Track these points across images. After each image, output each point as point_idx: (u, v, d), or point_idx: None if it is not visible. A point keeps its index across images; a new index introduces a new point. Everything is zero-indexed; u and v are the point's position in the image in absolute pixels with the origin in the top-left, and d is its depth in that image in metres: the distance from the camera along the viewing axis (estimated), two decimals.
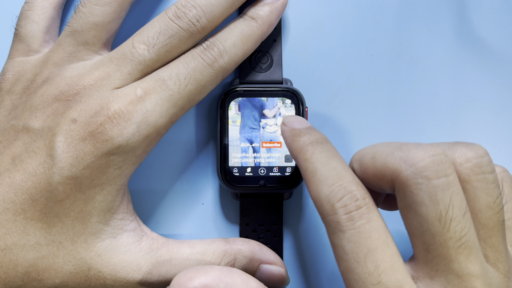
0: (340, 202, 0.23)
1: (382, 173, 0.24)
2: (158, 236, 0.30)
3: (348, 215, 0.23)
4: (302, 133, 0.26)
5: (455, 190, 0.23)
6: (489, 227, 0.24)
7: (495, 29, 0.34)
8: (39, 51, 0.30)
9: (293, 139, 0.26)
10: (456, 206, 0.22)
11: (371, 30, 0.33)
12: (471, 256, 0.22)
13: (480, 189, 0.24)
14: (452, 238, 0.22)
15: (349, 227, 0.23)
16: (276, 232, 0.32)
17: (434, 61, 0.34)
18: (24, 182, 0.27)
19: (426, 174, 0.22)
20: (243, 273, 0.25)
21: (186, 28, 0.28)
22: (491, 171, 0.24)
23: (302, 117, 0.27)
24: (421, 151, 0.23)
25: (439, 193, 0.22)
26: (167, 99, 0.27)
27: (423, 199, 0.22)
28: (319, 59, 0.33)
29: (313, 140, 0.25)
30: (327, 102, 0.33)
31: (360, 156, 0.25)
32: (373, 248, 0.22)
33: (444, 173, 0.22)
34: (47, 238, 0.27)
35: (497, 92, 0.34)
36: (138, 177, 0.33)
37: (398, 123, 0.33)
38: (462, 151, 0.24)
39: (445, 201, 0.22)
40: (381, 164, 0.24)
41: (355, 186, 0.23)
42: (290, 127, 0.27)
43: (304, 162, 0.25)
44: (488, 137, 0.34)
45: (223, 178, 0.31)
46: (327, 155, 0.25)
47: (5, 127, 0.28)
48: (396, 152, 0.23)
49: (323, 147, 0.25)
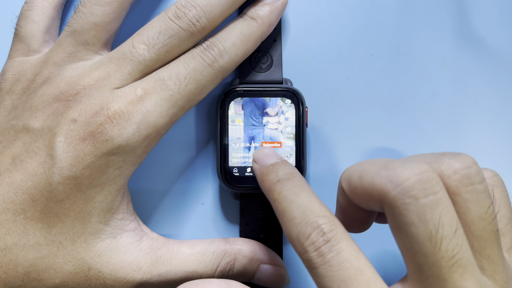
0: (308, 240, 0.23)
1: (370, 193, 0.23)
2: (158, 236, 0.30)
3: (318, 251, 0.23)
4: (269, 171, 0.26)
5: (444, 207, 0.22)
6: (483, 238, 0.23)
7: (495, 29, 0.34)
8: (39, 51, 0.30)
9: (262, 179, 0.26)
10: (446, 224, 0.22)
11: (371, 30, 0.33)
12: (466, 274, 0.22)
13: (471, 201, 0.23)
14: (444, 257, 0.22)
15: (320, 262, 0.23)
16: (276, 231, 0.32)
17: (434, 61, 0.34)
18: (24, 182, 0.27)
19: (413, 193, 0.22)
20: (241, 285, 0.25)
21: (186, 28, 0.28)
22: (480, 181, 0.23)
23: (272, 149, 0.28)
24: (406, 169, 0.22)
25: (427, 212, 0.22)
26: (167, 99, 0.27)
27: (412, 219, 0.22)
28: (319, 59, 0.33)
29: (280, 177, 0.26)
30: (327, 102, 0.33)
31: (348, 175, 0.25)
32: (346, 279, 0.22)
33: (431, 191, 0.22)
34: (47, 238, 0.27)
35: (497, 92, 0.34)
36: (138, 177, 0.33)
37: (398, 123, 0.33)
38: (449, 163, 0.23)
39: (435, 220, 0.22)
40: (368, 184, 0.23)
41: (322, 219, 0.23)
42: (260, 165, 0.27)
43: (274, 203, 0.25)
44: (488, 137, 0.34)
45: (223, 178, 0.31)
46: (293, 191, 0.25)
47: (5, 127, 0.28)
48: (382, 172, 0.23)
49: (289, 183, 0.25)
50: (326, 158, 0.33)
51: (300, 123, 0.31)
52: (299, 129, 0.31)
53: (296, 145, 0.31)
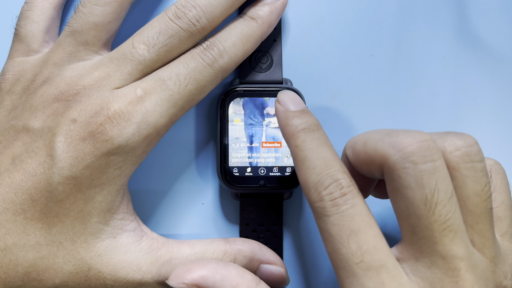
0: (326, 190, 0.24)
1: (372, 158, 0.24)
2: (158, 236, 0.30)
3: (333, 201, 0.24)
4: (296, 117, 0.26)
5: (441, 175, 0.23)
6: (476, 213, 0.24)
7: (495, 29, 0.34)
8: (39, 51, 0.30)
9: (285, 123, 0.26)
10: (441, 191, 0.23)
11: (371, 30, 0.33)
12: (456, 239, 0.23)
13: (469, 177, 0.24)
14: (437, 221, 0.23)
15: (334, 211, 0.24)
16: (276, 232, 0.32)
17: (434, 61, 0.34)
18: (24, 182, 0.27)
19: (413, 159, 0.23)
20: (239, 266, 0.27)
21: (186, 28, 0.28)
22: (480, 160, 0.24)
23: (298, 96, 0.27)
24: (409, 137, 0.23)
25: (425, 177, 0.23)
26: (167, 99, 0.27)
27: (409, 182, 0.23)
28: (319, 59, 0.33)
29: (305, 126, 0.26)
30: (327, 102, 0.33)
31: (353, 143, 0.26)
32: (356, 230, 0.23)
33: (430, 158, 0.23)
34: (47, 238, 0.27)
35: (497, 92, 0.34)
36: (138, 177, 0.33)
37: (398, 123, 0.33)
38: (452, 140, 0.25)
39: (431, 185, 0.23)
40: (371, 149, 0.24)
41: (342, 174, 0.24)
42: (284, 108, 0.27)
43: (295, 149, 0.25)
44: (488, 137, 0.34)
45: (223, 178, 0.31)
46: (318, 143, 0.25)
47: (5, 127, 0.28)
48: (385, 138, 0.24)
49: (314, 134, 0.26)
50: None
51: None
52: None
53: None
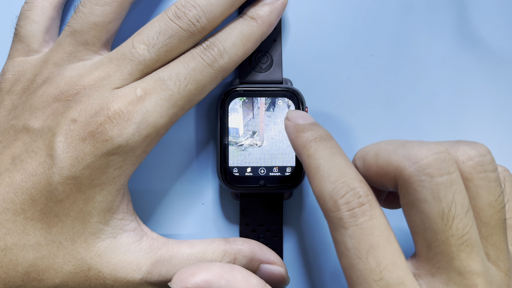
0: (343, 198, 0.23)
1: (385, 170, 0.24)
2: (158, 236, 0.30)
3: (351, 212, 0.23)
4: (306, 129, 0.26)
5: (458, 188, 0.23)
6: (490, 225, 0.24)
7: (495, 29, 0.34)
8: (39, 51, 0.30)
9: (296, 135, 0.26)
10: (458, 204, 0.22)
11: (371, 30, 0.33)
12: (473, 254, 0.22)
13: (482, 187, 0.24)
14: (454, 235, 0.22)
15: (352, 223, 0.23)
16: (276, 232, 0.32)
17: (434, 61, 0.34)
18: (24, 182, 0.27)
19: (429, 171, 0.22)
20: (244, 270, 0.26)
21: (186, 28, 0.28)
22: (493, 169, 0.24)
23: (306, 113, 0.27)
24: (424, 148, 0.23)
25: (441, 190, 0.22)
26: (167, 99, 0.27)
27: (425, 196, 0.22)
28: (319, 59, 0.33)
29: (317, 136, 0.25)
30: (327, 102, 0.33)
31: (363, 154, 0.25)
32: (375, 245, 0.22)
33: (447, 170, 0.22)
34: (47, 238, 0.27)
35: (497, 92, 0.34)
36: (138, 177, 0.33)
37: (398, 123, 0.33)
38: (465, 149, 0.24)
39: (448, 198, 0.22)
40: (384, 161, 0.24)
41: (358, 183, 0.23)
42: (294, 123, 0.26)
43: (307, 158, 0.25)
44: (488, 137, 0.34)
45: (223, 178, 0.31)
46: (331, 151, 0.25)
47: (5, 127, 0.28)
48: (399, 150, 0.23)
49: (327, 143, 0.25)
50: None
51: None
52: None
53: None
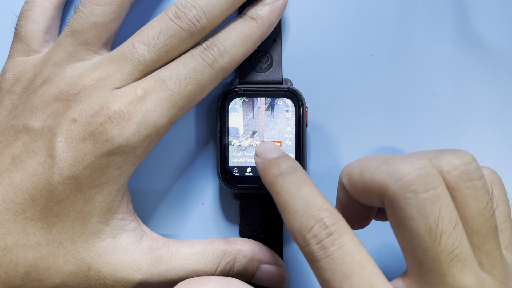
0: (311, 233, 0.23)
1: (370, 188, 0.24)
2: (158, 236, 0.30)
3: (320, 244, 0.23)
4: (272, 165, 0.26)
5: (444, 202, 0.22)
6: (482, 234, 0.23)
7: (495, 29, 0.34)
8: (39, 51, 0.30)
9: (264, 172, 0.27)
10: (446, 219, 0.22)
11: (371, 30, 0.33)
12: (465, 268, 0.22)
13: (470, 196, 0.23)
14: (444, 251, 0.22)
15: (322, 255, 0.23)
16: (276, 232, 0.32)
17: (434, 61, 0.34)
18: (24, 182, 0.27)
19: (413, 188, 0.22)
20: (241, 283, 0.25)
21: (186, 28, 0.28)
22: (479, 177, 0.24)
23: (274, 144, 0.28)
24: (407, 164, 0.23)
25: (427, 206, 0.22)
26: (167, 99, 0.27)
27: (412, 213, 0.22)
28: (319, 59, 0.33)
29: (283, 171, 0.26)
30: (327, 102, 0.33)
31: (349, 171, 0.25)
32: (349, 273, 0.22)
33: (432, 185, 0.22)
34: (47, 238, 0.27)
35: (497, 92, 0.34)
36: (138, 177, 0.33)
37: (398, 123, 0.33)
38: (449, 159, 0.24)
39: (435, 214, 0.22)
40: (369, 179, 0.24)
41: (324, 212, 0.23)
42: (262, 159, 0.27)
43: (276, 196, 0.25)
44: (488, 137, 0.34)
45: (223, 178, 0.31)
46: (296, 184, 0.25)
47: (5, 127, 0.28)
48: (382, 167, 0.23)
49: (292, 177, 0.25)
50: (326, 158, 0.33)
51: (300, 123, 0.31)
52: (299, 129, 0.31)
53: (296, 145, 0.31)
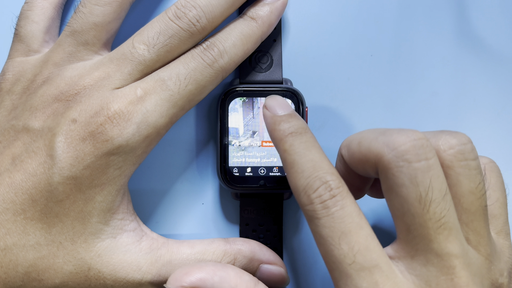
0: (316, 192, 0.24)
1: (366, 157, 0.25)
2: (158, 236, 0.30)
3: (323, 204, 0.24)
4: (283, 121, 0.26)
5: (435, 173, 0.23)
6: (471, 211, 0.24)
7: (495, 29, 0.34)
8: (39, 51, 0.30)
9: (273, 127, 0.26)
10: (436, 189, 0.23)
11: (371, 30, 0.33)
12: (451, 237, 0.23)
13: (463, 175, 0.24)
14: (431, 219, 0.23)
15: (324, 214, 0.24)
16: (276, 232, 0.32)
17: (434, 61, 0.34)
18: (24, 182, 0.27)
19: (407, 157, 0.23)
20: (237, 268, 0.27)
21: (186, 28, 0.28)
22: (473, 158, 0.25)
23: (285, 100, 0.27)
24: (403, 135, 0.24)
25: (419, 175, 0.23)
26: (167, 99, 0.27)
27: (403, 181, 0.23)
28: (319, 59, 0.33)
29: (293, 130, 0.26)
30: (327, 102, 0.33)
31: (348, 142, 0.26)
32: (347, 231, 0.23)
33: (424, 156, 0.23)
34: (47, 238, 0.27)
35: (497, 92, 0.34)
36: (138, 177, 0.33)
37: (398, 123, 0.33)
38: (446, 139, 0.25)
39: (425, 183, 0.23)
40: (366, 148, 0.25)
41: (330, 176, 0.24)
42: (272, 113, 0.27)
43: (283, 153, 0.26)
44: (488, 137, 0.34)
45: (223, 178, 0.31)
46: (305, 146, 0.25)
47: (5, 127, 0.28)
48: (379, 137, 0.24)
49: (302, 137, 0.26)
50: None
51: None
52: None
53: None
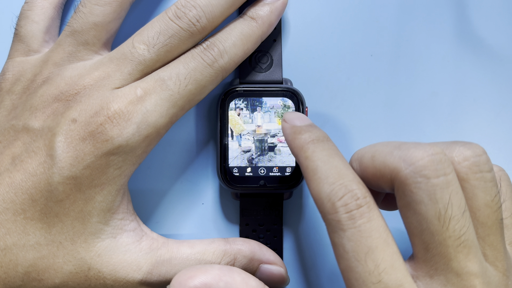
0: (341, 201, 0.23)
1: (381, 172, 0.24)
2: (158, 236, 0.30)
3: (349, 214, 0.23)
4: (303, 131, 0.26)
5: (454, 189, 0.23)
6: (487, 225, 0.24)
7: (495, 29, 0.34)
8: (39, 51, 0.31)
9: (293, 137, 0.26)
10: (455, 205, 0.22)
11: (371, 30, 0.33)
12: (470, 255, 0.22)
13: (478, 188, 0.24)
14: (451, 236, 0.22)
15: (350, 225, 0.23)
16: (276, 232, 0.32)
17: (434, 61, 0.34)
18: (24, 182, 0.27)
19: (425, 173, 0.22)
20: (243, 272, 0.26)
21: (186, 28, 0.28)
22: (489, 169, 0.24)
23: (303, 114, 0.27)
24: (420, 150, 0.23)
25: (438, 192, 0.22)
26: (167, 99, 0.27)
27: (422, 198, 0.22)
28: (319, 59, 0.33)
29: (314, 138, 0.25)
30: (327, 102, 0.33)
31: (360, 156, 0.25)
32: (374, 247, 0.22)
33: (443, 172, 0.23)
34: (47, 238, 0.27)
35: (497, 92, 0.34)
36: (138, 177, 0.33)
37: (398, 123, 0.33)
38: (460, 150, 0.24)
39: (444, 200, 0.22)
40: (381, 163, 0.24)
41: (356, 184, 0.23)
42: (291, 124, 0.26)
43: (305, 160, 0.25)
44: (488, 137, 0.34)
45: (223, 178, 0.31)
46: (328, 153, 0.25)
47: (5, 127, 0.28)
48: (395, 152, 0.23)
49: (324, 145, 0.25)
50: None
51: None
52: None
53: None
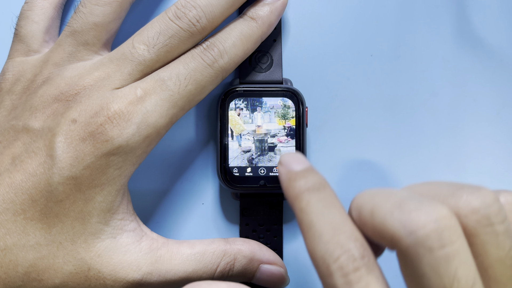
0: (337, 263, 0.21)
1: (381, 233, 0.21)
2: (158, 236, 0.30)
3: (345, 279, 0.21)
4: (298, 177, 0.23)
5: (461, 259, 0.20)
6: (502, 282, 0.21)
7: (495, 29, 0.34)
8: (39, 51, 0.30)
9: (288, 184, 0.24)
10: (462, 279, 0.20)
11: (371, 30, 0.33)
12: None
13: (490, 243, 0.21)
14: None
15: None
16: (276, 232, 0.32)
17: (434, 61, 0.34)
18: (24, 183, 0.27)
19: (428, 244, 0.20)
20: None
21: (186, 28, 0.28)
22: (501, 220, 0.21)
23: (301, 155, 0.25)
24: (422, 214, 0.20)
25: (442, 265, 0.20)
26: (167, 100, 0.27)
27: (424, 271, 0.20)
28: (319, 59, 0.33)
29: (310, 186, 0.23)
30: (327, 102, 0.33)
31: (359, 206, 0.23)
32: None
33: (449, 241, 0.20)
34: (47, 238, 0.27)
35: (497, 92, 0.34)
36: (138, 177, 0.33)
37: (398, 123, 0.33)
38: (468, 200, 0.21)
39: (450, 273, 0.20)
40: (380, 223, 0.21)
41: (353, 242, 0.21)
42: (287, 169, 0.24)
43: (299, 213, 0.23)
44: (488, 137, 0.34)
45: (223, 178, 0.31)
46: (324, 204, 0.22)
47: (5, 127, 0.28)
48: (395, 213, 0.21)
49: (320, 195, 0.23)
50: (326, 158, 0.33)
51: (300, 123, 0.31)
52: (299, 129, 0.31)
53: (296, 145, 0.31)
